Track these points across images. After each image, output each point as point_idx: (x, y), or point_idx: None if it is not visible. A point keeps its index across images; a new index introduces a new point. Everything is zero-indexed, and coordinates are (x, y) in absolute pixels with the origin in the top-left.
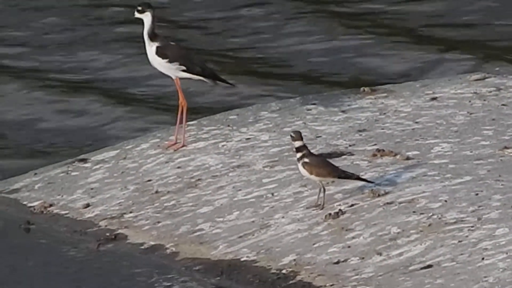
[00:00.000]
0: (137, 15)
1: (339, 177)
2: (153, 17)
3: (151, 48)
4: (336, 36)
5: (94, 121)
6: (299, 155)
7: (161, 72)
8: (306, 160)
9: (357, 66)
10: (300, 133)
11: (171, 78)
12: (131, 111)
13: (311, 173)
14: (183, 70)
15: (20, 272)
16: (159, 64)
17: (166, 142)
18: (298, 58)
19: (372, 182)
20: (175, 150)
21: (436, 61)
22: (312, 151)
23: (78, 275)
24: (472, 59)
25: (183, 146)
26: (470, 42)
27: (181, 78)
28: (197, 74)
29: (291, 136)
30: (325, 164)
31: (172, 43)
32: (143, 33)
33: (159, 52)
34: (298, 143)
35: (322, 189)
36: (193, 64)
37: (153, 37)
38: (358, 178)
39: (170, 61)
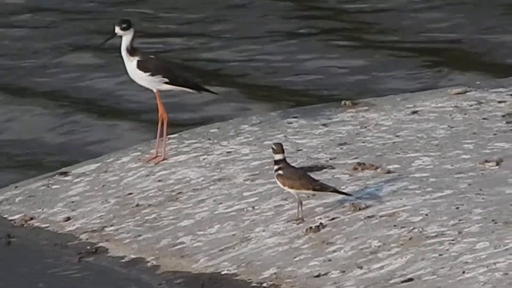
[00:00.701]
0: (119, 32)
1: (314, 189)
2: (134, 34)
3: (131, 62)
4: (317, 51)
5: (75, 134)
6: (276, 167)
7: (141, 86)
8: (280, 172)
9: (338, 79)
10: (281, 145)
11: (151, 91)
12: (112, 124)
13: (284, 185)
14: (166, 82)
15: (1, 286)
16: (141, 78)
17: (147, 156)
18: (279, 72)
19: (350, 195)
20: (155, 164)
21: (417, 74)
22: (293, 164)
23: None
24: (453, 73)
25: (163, 159)
26: (451, 56)
27: (162, 91)
28: (180, 85)
29: (272, 148)
30: (299, 177)
31: (151, 56)
32: (121, 49)
33: (141, 66)
34: (277, 156)
35: (299, 203)
36: (176, 76)
37: (132, 52)
38: (335, 191)
39: (152, 74)
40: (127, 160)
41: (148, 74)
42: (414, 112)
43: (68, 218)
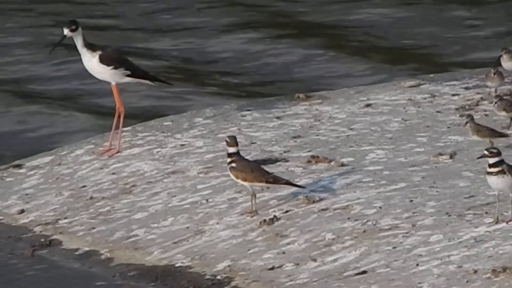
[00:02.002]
0: (69, 34)
1: (267, 182)
2: (82, 31)
3: (93, 58)
4: (271, 44)
5: (28, 126)
6: (229, 160)
7: (97, 79)
8: (233, 165)
9: (291, 72)
10: (235, 138)
11: (107, 84)
12: (66, 116)
13: (237, 178)
14: (128, 75)
15: None
16: (103, 72)
17: (101, 148)
18: (233, 64)
19: (304, 188)
20: (109, 156)
21: (370, 68)
22: (246, 157)
23: (13, 281)
24: (406, 66)
25: (117, 152)
26: (404, 50)
27: (120, 84)
28: (140, 78)
29: (226, 141)
30: (251, 169)
31: (109, 48)
32: (78, 47)
33: (103, 60)
34: (231, 149)
35: (253, 195)
36: (135, 68)
37: (90, 47)
38: (289, 183)
39: (115, 67)
40: (81, 153)
41: (111, 67)
42: (368, 105)
43: (22, 211)
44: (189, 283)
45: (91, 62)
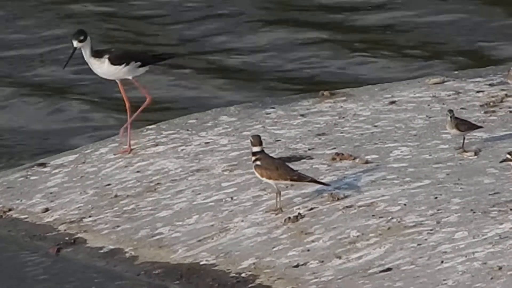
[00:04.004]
0: (78, 45)
1: (291, 180)
2: (91, 41)
3: (102, 64)
4: (296, 41)
5: (53, 125)
6: (253, 158)
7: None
8: (258, 163)
9: (316, 70)
10: (259, 137)
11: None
12: (90, 115)
13: (262, 176)
14: (140, 66)
15: None
16: (117, 71)
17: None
18: (257, 62)
19: (328, 185)
20: (123, 153)
21: (395, 65)
22: (271, 155)
23: (38, 280)
24: (431, 63)
25: (129, 151)
26: (429, 46)
27: (138, 76)
28: (151, 63)
29: (250, 140)
30: (276, 167)
31: (112, 49)
32: (85, 58)
33: (114, 61)
34: (255, 149)
35: (278, 193)
36: (145, 57)
37: (97, 54)
38: (313, 181)
39: (127, 64)
40: (105, 151)
41: (123, 65)
42: (392, 102)
43: (47, 209)
44: (214, 281)
45: (102, 67)
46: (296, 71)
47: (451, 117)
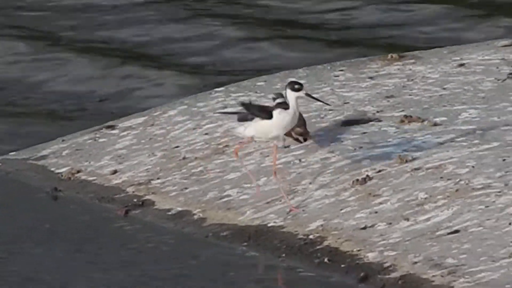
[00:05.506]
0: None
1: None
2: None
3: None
4: (364, 2)
5: (121, 87)
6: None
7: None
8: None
9: (384, 32)
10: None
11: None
12: (158, 77)
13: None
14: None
15: (48, 238)
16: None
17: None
18: (325, 24)
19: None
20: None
21: (464, 27)
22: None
23: (106, 241)
24: (500, 25)
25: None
26: (499, 8)
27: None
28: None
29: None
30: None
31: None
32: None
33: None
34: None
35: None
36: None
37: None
38: None
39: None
40: (173, 114)
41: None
42: (461, 65)
43: (115, 171)
44: (281, 242)
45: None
46: (365, 33)
47: None
